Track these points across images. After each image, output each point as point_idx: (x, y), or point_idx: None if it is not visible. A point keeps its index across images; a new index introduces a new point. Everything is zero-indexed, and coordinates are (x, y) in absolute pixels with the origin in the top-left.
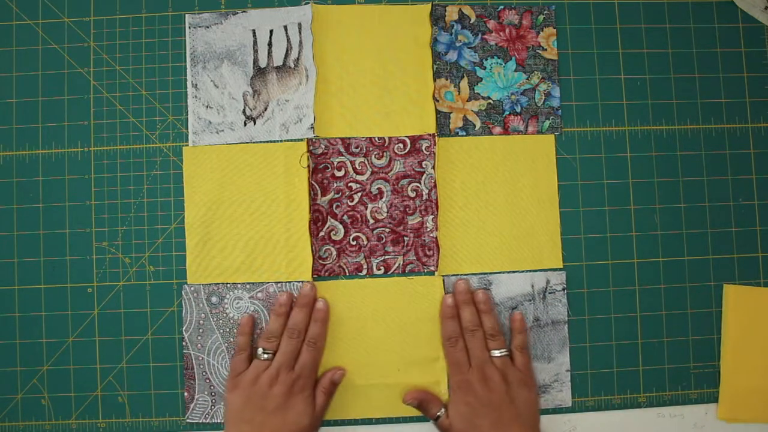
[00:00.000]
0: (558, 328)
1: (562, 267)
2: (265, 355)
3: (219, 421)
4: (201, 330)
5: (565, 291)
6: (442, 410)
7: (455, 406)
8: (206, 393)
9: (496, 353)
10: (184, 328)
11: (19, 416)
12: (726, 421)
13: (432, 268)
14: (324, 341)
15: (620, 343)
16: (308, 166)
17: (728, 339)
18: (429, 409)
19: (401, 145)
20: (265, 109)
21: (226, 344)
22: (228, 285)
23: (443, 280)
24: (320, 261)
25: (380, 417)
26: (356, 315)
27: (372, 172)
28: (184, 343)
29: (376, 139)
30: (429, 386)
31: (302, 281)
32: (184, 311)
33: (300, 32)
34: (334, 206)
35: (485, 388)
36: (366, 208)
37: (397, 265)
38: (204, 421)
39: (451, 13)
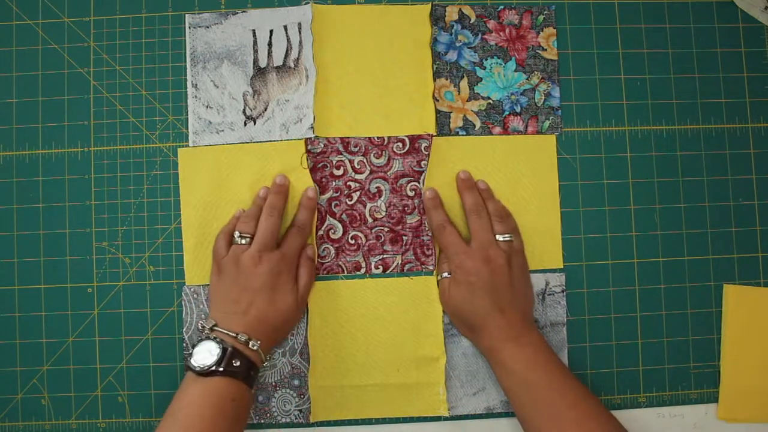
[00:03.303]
0: (556, 330)
1: (562, 267)
2: (242, 240)
3: None
4: None
5: (564, 293)
6: (447, 274)
7: (456, 284)
8: None
9: (501, 237)
10: (184, 330)
11: (19, 416)
12: (726, 421)
13: (430, 268)
14: (311, 229)
15: (620, 343)
16: (308, 166)
17: (728, 339)
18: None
19: (400, 145)
20: (265, 109)
21: None
22: None
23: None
24: (319, 260)
25: (380, 417)
26: (355, 314)
27: (371, 171)
28: (184, 344)
29: (375, 138)
30: (428, 386)
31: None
32: (184, 312)
33: (300, 32)
34: (333, 205)
35: (487, 269)
36: (365, 207)
37: (395, 264)
38: None
39: (451, 13)
